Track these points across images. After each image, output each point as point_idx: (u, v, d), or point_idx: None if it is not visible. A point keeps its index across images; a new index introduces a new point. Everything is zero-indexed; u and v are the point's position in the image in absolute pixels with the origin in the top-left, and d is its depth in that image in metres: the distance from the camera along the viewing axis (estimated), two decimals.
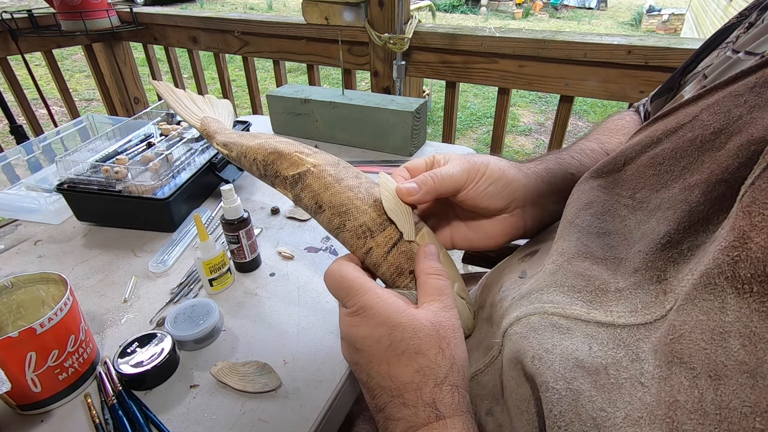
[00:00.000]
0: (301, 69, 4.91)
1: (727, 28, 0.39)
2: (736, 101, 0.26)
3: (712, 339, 0.20)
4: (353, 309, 0.33)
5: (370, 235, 0.36)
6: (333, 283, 0.35)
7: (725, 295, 0.20)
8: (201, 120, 0.56)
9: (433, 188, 0.37)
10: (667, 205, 0.27)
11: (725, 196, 0.24)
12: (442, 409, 0.29)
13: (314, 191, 0.39)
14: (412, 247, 0.37)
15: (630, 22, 9.27)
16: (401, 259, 0.36)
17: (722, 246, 0.21)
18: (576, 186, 0.36)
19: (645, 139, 0.31)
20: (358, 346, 0.33)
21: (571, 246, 0.32)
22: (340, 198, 0.38)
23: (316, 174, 0.39)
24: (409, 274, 0.36)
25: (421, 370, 0.30)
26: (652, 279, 0.26)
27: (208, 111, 0.60)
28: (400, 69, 1.28)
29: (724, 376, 0.19)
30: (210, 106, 0.61)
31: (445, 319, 0.32)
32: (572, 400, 0.25)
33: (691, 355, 0.21)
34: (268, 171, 0.43)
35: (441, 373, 0.30)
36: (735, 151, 0.24)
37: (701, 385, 0.20)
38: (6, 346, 0.39)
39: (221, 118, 0.59)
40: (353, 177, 0.40)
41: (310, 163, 0.40)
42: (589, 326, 0.28)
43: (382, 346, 0.31)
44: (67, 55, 5.31)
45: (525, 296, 0.33)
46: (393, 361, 0.31)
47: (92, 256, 0.67)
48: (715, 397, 0.19)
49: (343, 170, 0.41)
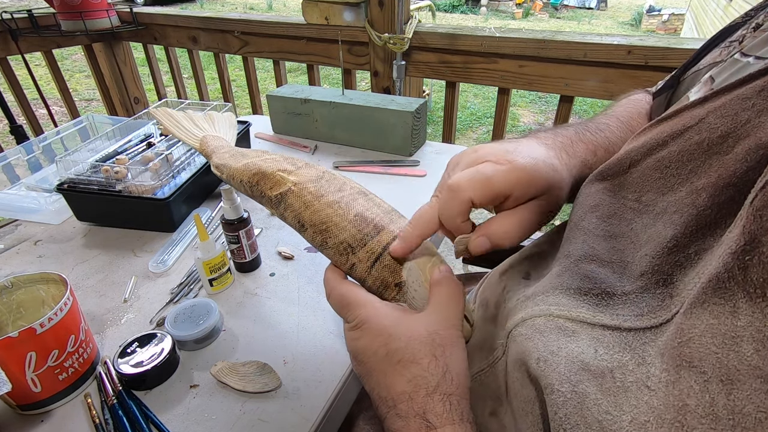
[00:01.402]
0: (301, 69, 4.91)
1: (730, 27, 0.39)
2: (743, 104, 0.26)
3: (724, 343, 0.20)
4: (353, 323, 0.34)
5: (351, 251, 0.37)
6: (335, 302, 0.36)
7: (736, 299, 0.20)
8: (200, 140, 0.56)
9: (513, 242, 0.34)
10: (673, 208, 0.27)
11: (733, 200, 0.24)
12: (432, 419, 0.29)
13: (295, 210, 0.39)
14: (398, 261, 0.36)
15: (630, 22, 9.27)
16: (385, 273, 0.36)
17: (732, 250, 0.21)
18: (582, 188, 0.36)
19: (650, 141, 0.31)
20: (360, 358, 0.33)
21: (578, 248, 0.32)
22: (319, 216, 0.38)
23: (296, 193, 0.40)
24: (395, 286, 0.36)
25: (414, 379, 0.30)
26: (659, 283, 0.26)
27: (208, 129, 0.60)
28: (400, 69, 1.28)
29: (736, 381, 0.19)
30: (211, 123, 0.61)
31: (443, 328, 0.32)
32: (578, 403, 0.25)
33: (702, 359, 0.21)
34: (254, 192, 0.43)
35: (432, 382, 0.30)
36: (743, 155, 0.24)
37: (712, 389, 0.20)
38: (6, 346, 0.39)
39: (222, 133, 0.59)
40: (335, 191, 0.40)
41: (291, 182, 0.40)
42: (595, 329, 0.28)
43: (379, 356, 0.32)
44: (67, 55, 5.31)
45: (530, 298, 0.33)
46: (389, 371, 0.31)
47: (92, 256, 0.67)
48: (728, 402, 0.19)
49: (326, 185, 0.40)
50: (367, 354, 0.33)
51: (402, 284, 0.36)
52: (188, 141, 0.56)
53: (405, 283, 0.36)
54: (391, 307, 0.34)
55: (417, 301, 0.36)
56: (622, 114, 0.46)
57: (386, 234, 0.37)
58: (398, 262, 0.36)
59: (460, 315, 0.34)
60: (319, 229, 0.38)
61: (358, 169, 0.91)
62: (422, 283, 0.36)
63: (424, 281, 0.36)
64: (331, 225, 0.37)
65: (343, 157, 0.96)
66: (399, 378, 0.31)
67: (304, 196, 0.39)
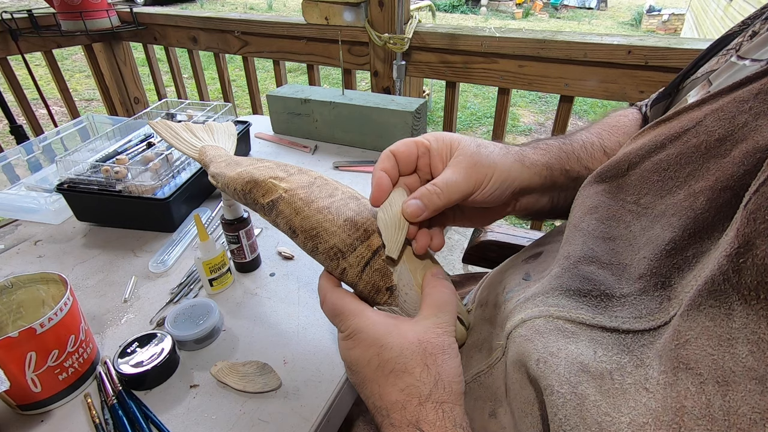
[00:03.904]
0: (301, 69, 4.90)
1: (728, 36, 0.39)
2: (740, 107, 0.26)
3: (719, 345, 0.20)
4: (346, 333, 0.34)
5: (341, 256, 0.37)
6: (327, 311, 0.36)
7: (731, 302, 0.20)
8: (199, 151, 0.56)
9: (439, 206, 0.35)
10: (671, 211, 0.27)
11: (730, 203, 0.24)
12: (426, 428, 0.29)
13: (286, 217, 0.39)
14: (389, 265, 0.36)
15: (630, 22, 9.27)
16: (376, 277, 0.36)
17: (727, 253, 0.21)
18: (580, 190, 0.36)
19: (649, 144, 0.31)
20: (354, 368, 0.34)
21: (577, 250, 0.32)
22: (310, 222, 0.38)
23: (287, 200, 0.40)
24: (386, 290, 0.36)
25: (406, 388, 0.30)
26: (657, 285, 0.26)
27: (207, 139, 0.60)
28: (400, 69, 1.28)
29: (732, 382, 0.19)
30: (210, 134, 0.62)
31: (434, 335, 0.32)
32: (577, 405, 0.25)
33: (698, 360, 0.21)
34: (248, 200, 0.44)
35: (425, 390, 0.30)
36: (740, 158, 0.24)
37: (708, 390, 0.20)
38: (6, 346, 0.39)
39: (221, 144, 0.59)
40: (326, 197, 0.40)
41: (282, 189, 0.41)
42: (594, 331, 0.28)
43: (372, 366, 0.32)
44: (67, 55, 5.31)
45: (530, 299, 0.33)
46: (382, 381, 0.31)
47: (92, 256, 0.67)
48: (723, 403, 0.19)
49: (317, 191, 0.40)
50: (361, 364, 0.33)
51: (393, 288, 0.36)
52: (187, 152, 0.57)
53: (396, 287, 0.36)
54: (382, 316, 0.34)
55: (408, 305, 0.36)
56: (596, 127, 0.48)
57: (376, 238, 0.37)
58: (389, 265, 0.36)
59: (452, 320, 0.34)
60: (309, 235, 0.38)
61: (358, 169, 0.91)
62: (413, 287, 0.36)
63: (415, 285, 0.36)
64: (321, 230, 0.37)
65: (343, 157, 0.96)
66: (392, 388, 0.31)
67: (295, 202, 0.39)
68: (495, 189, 0.36)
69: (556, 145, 0.42)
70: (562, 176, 0.41)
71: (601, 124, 0.49)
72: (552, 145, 0.42)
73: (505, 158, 0.37)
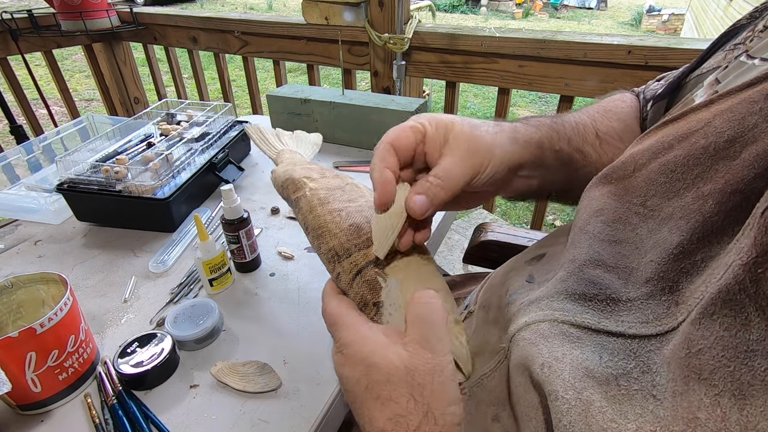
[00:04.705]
0: (301, 69, 4.90)
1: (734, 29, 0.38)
2: (750, 108, 0.25)
3: (736, 357, 0.20)
4: (337, 346, 0.32)
5: (337, 259, 0.36)
6: (326, 320, 0.35)
7: (748, 312, 0.20)
8: (278, 152, 0.58)
9: (444, 199, 0.33)
10: (679, 214, 0.27)
11: (740, 207, 0.24)
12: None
13: (303, 213, 0.41)
14: (377, 278, 0.34)
15: (630, 22, 9.27)
16: (364, 289, 0.34)
17: (743, 261, 0.20)
18: (585, 191, 0.35)
19: (655, 144, 0.30)
20: (345, 386, 0.32)
21: (583, 253, 0.31)
22: (318, 221, 0.39)
23: (308, 197, 0.41)
24: (373, 306, 0.33)
25: (393, 418, 0.29)
26: (664, 290, 0.26)
27: (291, 145, 0.62)
28: (400, 69, 1.28)
29: (750, 396, 0.19)
30: (294, 141, 0.64)
31: (422, 362, 0.30)
32: (582, 411, 0.25)
33: (712, 371, 0.20)
34: (284, 194, 0.46)
35: (413, 422, 0.29)
36: (751, 161, 0.24)
37: (724, 403, 0.20)
38: (6, 346, 0.39)
39: (302, 150, 0.61)
40: (345, 201, 0.39)
41: (309, 187, 0.42)
42: (600, 335, 0.27)
43: (361, 387, 0.30)
44: (67, 55, 5.31)
45: (534, 302, 0.32)
46: (370, 404, 0.30)
47: (92, 256, 0.67)
48: (741, 417, 0.19)
49: (339, 193, 0.41)
50: (351, 382, 0.31)
51: (380, 305, 0.33)
52: (267, 152, 0.59)
53: (383, 303, 0.33)
54: (374, 330, 0.32)
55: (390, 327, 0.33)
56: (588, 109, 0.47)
57: None
58: (381, 277, 0.33)
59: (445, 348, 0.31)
60: (316, 233, 0.39)
61: (358, 169, 0.91)
62: (399, 307, 0.32)
63: (401, 306, 0.32)
64: (325, 231, 0.38)
65: (343, 157, 0.96)
66: (379, 414, 0.29)
67: (312, 201, 0.41)
68: (493, 173, 0.35)
69: (547, 123, 0.40)
70: (552, 155, 0.40)
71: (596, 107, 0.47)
72: (544, 123, 0.40)
73: (500, 137, 0.36)
